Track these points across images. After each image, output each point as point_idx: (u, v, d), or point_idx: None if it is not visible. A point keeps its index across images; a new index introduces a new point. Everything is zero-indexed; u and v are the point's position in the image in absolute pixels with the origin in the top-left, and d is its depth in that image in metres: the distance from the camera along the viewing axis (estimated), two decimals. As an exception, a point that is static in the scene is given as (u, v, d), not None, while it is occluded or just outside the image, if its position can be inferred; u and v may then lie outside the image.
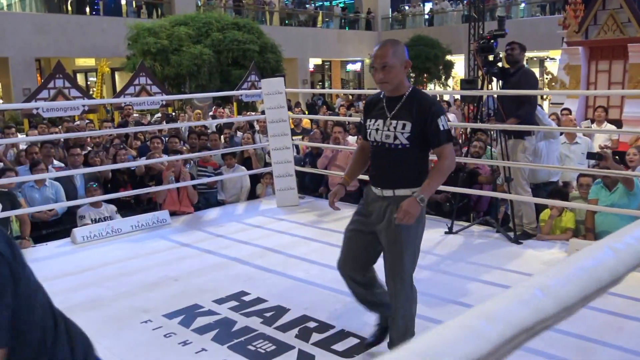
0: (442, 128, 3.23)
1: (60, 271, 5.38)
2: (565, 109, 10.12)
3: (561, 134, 7.36)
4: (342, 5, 34.36)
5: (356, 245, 3.46)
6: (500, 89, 6.28)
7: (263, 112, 8.42)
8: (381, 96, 3.43)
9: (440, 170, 3.25)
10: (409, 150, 3.27)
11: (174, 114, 15.34)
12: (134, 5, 23.45)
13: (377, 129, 3.35)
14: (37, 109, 11.88)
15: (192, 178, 7.60)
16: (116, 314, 4.40)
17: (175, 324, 4.18)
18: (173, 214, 7.15)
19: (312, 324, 4.05)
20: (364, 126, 3.51)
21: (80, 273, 5.36)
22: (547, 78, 17.83)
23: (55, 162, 7.72)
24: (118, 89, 22.38)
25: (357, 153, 3.72)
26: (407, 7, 32.57)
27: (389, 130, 3.29)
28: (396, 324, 3.38)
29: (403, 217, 3.10)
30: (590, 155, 6.10)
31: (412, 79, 26.31)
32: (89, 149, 8.45)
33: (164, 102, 14.34)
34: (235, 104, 16.00)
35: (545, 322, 0.95)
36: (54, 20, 20.42)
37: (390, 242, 3.29)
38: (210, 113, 15.27)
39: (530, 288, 0.96)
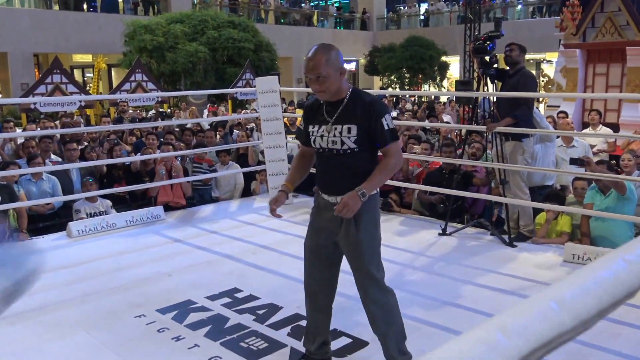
0: (386, 127, 3.17)
1: (55, 264, 5.36)
2: (561, 111, 10.09)
3: (557, 136, 7.34)
4: (337, 4, 34.37)
5: (319, 263, 3.39)
6: (499, 90, 6.20)
7: (255, 110, 8.36)
8: (321, 101, 3.33)
9: (385, 167, 3.20)
10: (357, 153, 3.21)
11: (169, 110, 15.36)
12: (131, 3, 23.47)
13: (322, 136, 3.25)
14: (34, 103, 11.89)
15: (185, 171, 7.62)
16: (110, 308, 4.40)
17: (168, 319, 4.18)
18: (166, 205, 7.18)
19: (304, 323, 4.00)
20: (305, 133, 3.41)
21: (75, 267, 5.37)
22: (543, 80, 17.83)
23: (53, 156, 7.74)
24: (114, 85, 22.39)
25: (297, 159, 3.59)
26: (402, 8, 32.57)
27: (334, 136, 3.21)
28: (378, 330, 3.33)
29: (342, 209, 3.06)
30: (573, 161, 6.00)
31: (406, 80, 26.37)
32: (85, 144, 8.46)
33: (159, 99, 14.36)
34: (230, 101, 16.02)
35: (563, 336, 0.92)
36: (52, 16, 20.48)
37: (352, 255, 3.26)
38: (206, 110, 15.30)
39: (546, 301, 0.94)
